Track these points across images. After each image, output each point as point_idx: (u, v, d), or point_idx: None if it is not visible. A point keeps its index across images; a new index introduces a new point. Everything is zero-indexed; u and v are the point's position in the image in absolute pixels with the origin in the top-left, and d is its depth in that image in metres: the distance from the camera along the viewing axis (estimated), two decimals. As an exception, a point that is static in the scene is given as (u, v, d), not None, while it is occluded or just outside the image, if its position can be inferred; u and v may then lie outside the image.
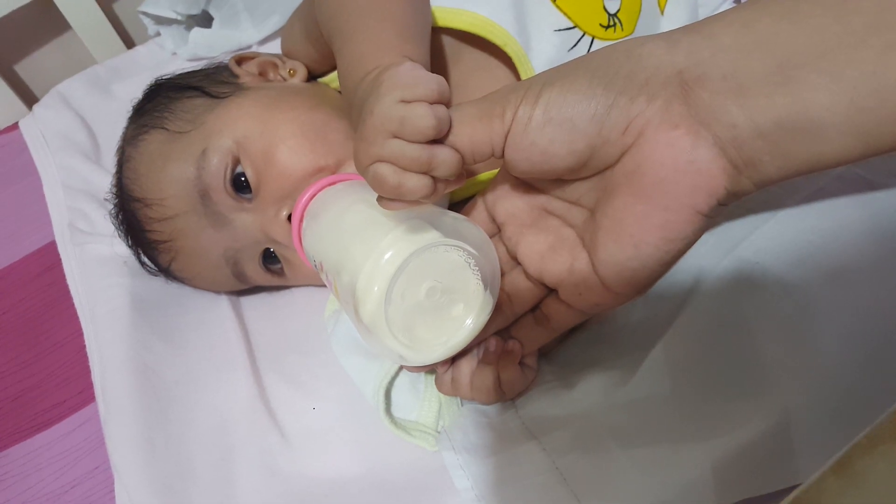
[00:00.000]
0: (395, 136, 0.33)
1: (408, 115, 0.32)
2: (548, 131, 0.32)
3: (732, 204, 0.33)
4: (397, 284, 0.35)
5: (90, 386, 0.57)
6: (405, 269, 0.35)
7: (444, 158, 0.33)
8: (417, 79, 0.34)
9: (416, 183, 0.33)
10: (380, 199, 0.35)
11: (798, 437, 0.36)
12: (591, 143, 0.32)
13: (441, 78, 0.34)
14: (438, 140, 0.34)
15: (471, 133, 0.34)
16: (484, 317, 0.39)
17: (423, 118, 0.32)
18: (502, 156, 0.35)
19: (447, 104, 0.34)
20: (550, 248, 0.39)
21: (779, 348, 0.38)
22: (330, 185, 0.46)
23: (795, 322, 0.38)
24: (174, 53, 0.84)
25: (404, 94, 0.33)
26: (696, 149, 0.30)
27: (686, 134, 0.30)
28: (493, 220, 0.42)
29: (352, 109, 0.39)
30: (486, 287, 0.38)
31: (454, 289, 0.37)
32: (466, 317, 0.38)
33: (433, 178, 0.34)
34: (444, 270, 0.36)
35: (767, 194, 0.42)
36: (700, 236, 0.33)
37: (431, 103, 0.33)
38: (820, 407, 0.37)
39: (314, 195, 0.46)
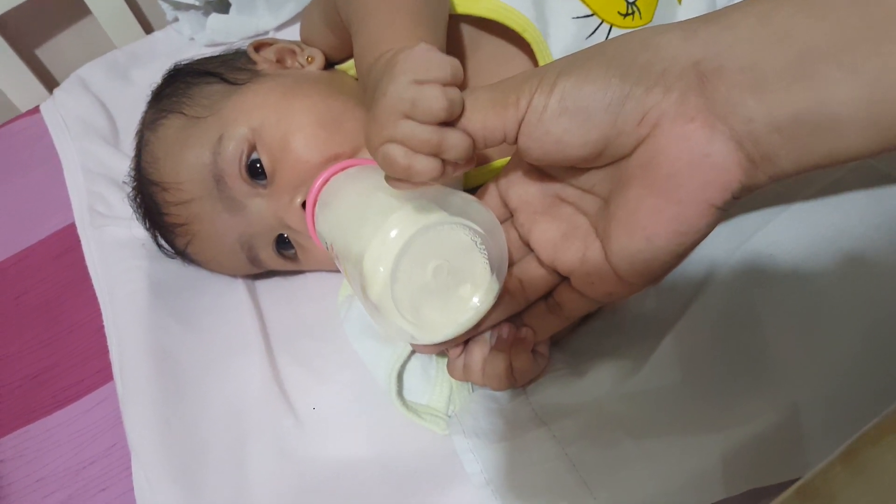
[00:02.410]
0: (407, 118, 0.33)
1: (419, 96, 0.32)
2: (563, 121, 0.32)
3: (747, 196, 0.33)
4: (403, 263, 0.35)
5: (108, 366, 0.58)
6: (410, 248, 0.35)
7: (455, 142, 0.34)
8: (431, 60, 0.33)
9: (426, 165, 0.33)
10: (388, 178, 0.35)
11: (808, 429, 0.36)
12: (605, 134, 0.32)
13: (455, 60, 0.34)
14: (451, 123, 0.34)
15: (483, 119, 0.34)
16: (491, 297, 0.39)
17: (435, 100, 0.32)
18: (515, 142, 0.35)
19: (461, 86, 0.34)
20: (563, 236, 0.39)
21: (790, 341, 0.38)
22: (342, 170, 0.47)
23: (807, 315, 0.38)
24: (192, 39, 0.84)
25: (417, 75, 0.33)
26: (711, 142, 0.30)
27: (702, 127, 0.30)
28: (506, 205, 0.42)
29: (366, 92, 0.40)
30: (493, 268, 0.38)
31: (461, 269, 0.37)
32: (473, 297, 0.38)
33: (443, 160, 0.34)
34: (451, 250, 0.36)
35: (781, 186, 0.42)
36: (713, 229, 0.33)
37: (445, 85, 0.33)
38: (830, 400, 0.37)
39: (326, 181, 0.46)
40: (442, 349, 0.41)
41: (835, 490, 0.21)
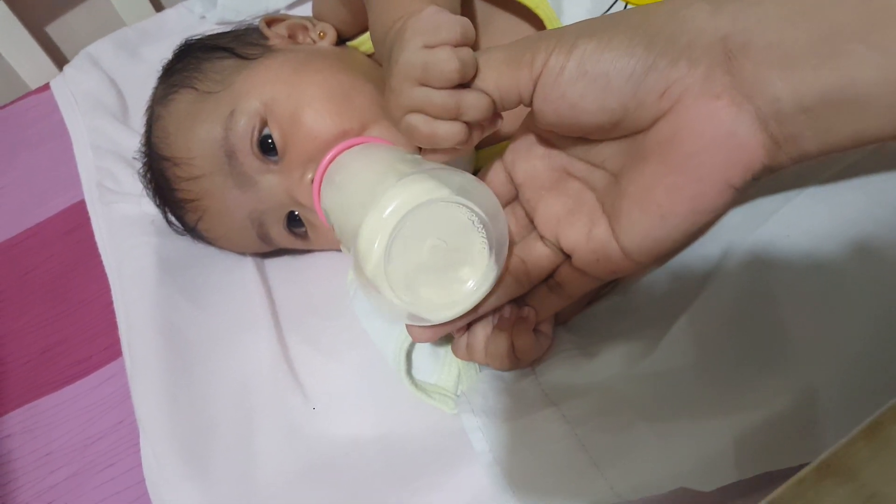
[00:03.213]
0: (421, 84, 0.33)
1: (431, 60, 0.32)
2: (580, 85, 0.32)
3: (765, 178, 0.32)
4: (397, 239, 0.34)
5: (116, 342, 0.59)
6: (405, 224, 0.34)
7: (472, 102, 0.33)
8: (439, 22, 0.33)
9: (449, 129, 0.33)
10: (423, 151, 0.35)
11: (823, 413, 0.36)
12: (624, 104, 0.31)
13: (465, 19, 0.33)
14: (467, 85, 0.33)
15: (497, 78, 0.33)
16: (490, 280, 0.38)
17: (447, 62, 0.32)
18: (531, 104, 0.34)
19: (473, 47, 0.34)
20: (569, 212, 0.39)
21: (807, 324, 0.37)
22: (350, 147, 0.46)
23: (825, 298, 0.37)
24: (203, 17, 0.84)
25: (427, 39, 0.33)
26: (737, 122, 0.29)
27: (728, 105, 0.29)
28: (512, 181, 0.42)
29: (383, 63, 0.39)
30: (492, 249, 0.37)
31: (459, 249, 0.36)
32: (470, 279, 0.37)
33: (466, 123, 0.33)
34: (449, 229, 0.36)
35: (800, 168, 0.41)
36: (729, 210, 0.33)
37: (455, 46, 0.32)
38: (846, 384, 0.36)
39: (333, 158, 0.46)
40: (439, 334, 0.41)
41: (857, 465, 0.20)
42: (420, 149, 0.38)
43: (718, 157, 0.30)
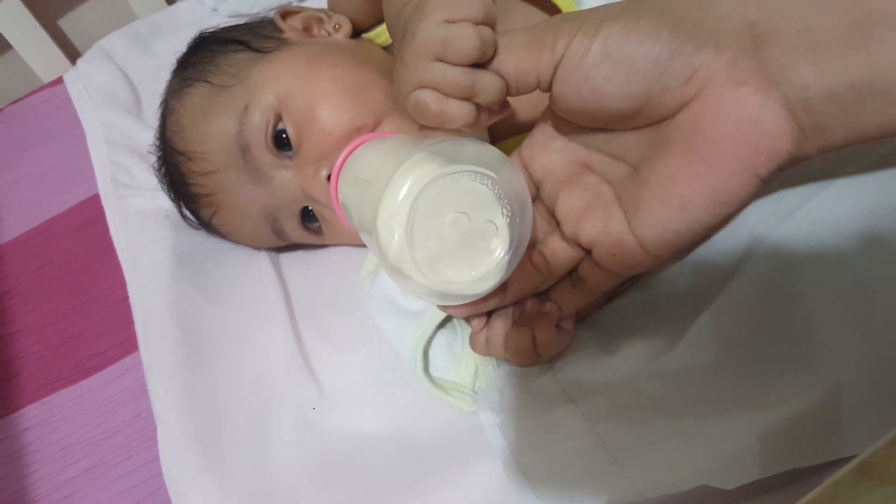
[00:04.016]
0: (438, 60, 0.32)
1: (451, 35, 0.31)
2: (604, 68, 0.31)
3: (789, 170, 0.31)
4: (416, 217, 0.33)
5: (131, 336, 0.59)
6: (420, 204, 0.33)
7: (488, 84, 0.32)
8: None
9: (459, 109, 0.32)
10: (422, 128, 0.34)
11: (848, 411, 0.35)
12: (648, 89, 0.31)
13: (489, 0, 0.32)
14: (483, 66, 0.33)
15: (517, 61, 0.33)
16: (517, 246, 0.37)
17: (468, 39, 0.31)
18: (549, 89, 0.33)
19: (493, 26, 0.33)
20: (587, 206, 0.38)
21: (832, 321, 0.37)
22: (363, 143, 0.46)
23: (851, 295, 0.37)
24: (215, 10, 0.84)
25: (448, 13, 0.32)
26: (763, 109, 0.29)
27: (755, 92, 0.29)
28: (531, 178, 0.41)
29: (395, 41, 0.38)
30: (515, 218, 0.36)
31: (481, 219, 0.35)
32: (497, 248, 0.36)
33: (476, 105, 0.32)
34: (467, 201, 0.35)
35: (826, 162, 0.41)
36: (752, 202, 0.32)
37: (476, 24, 0.32)
38: (872, 382, 0.36)
39: (349, 154, 0.45)
40: (474, 310, 0.40)
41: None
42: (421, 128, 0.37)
43: (744, 144, 0.30)
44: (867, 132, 0.29)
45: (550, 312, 0.42)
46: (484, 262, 0.36)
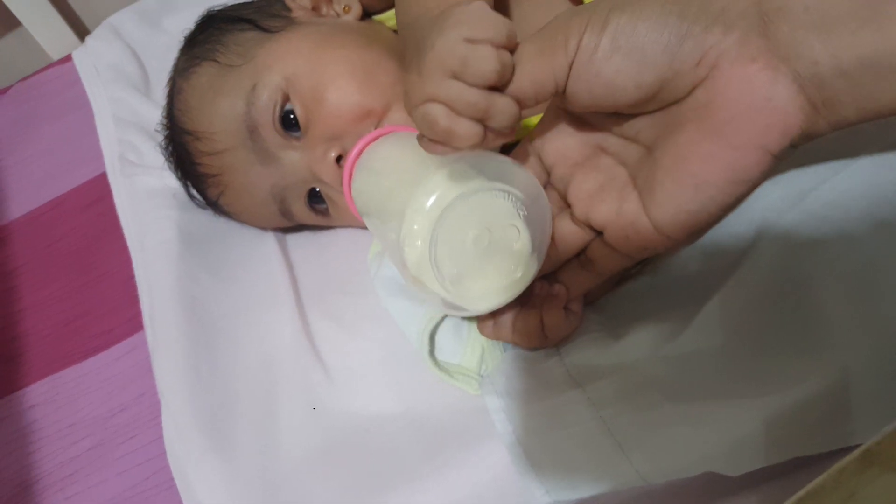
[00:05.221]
0: (454, 77, 0.32)
1: (471, 55, 0.31)
2: (615, 62, 0.31)
3: (801, 152, 0.31)
4: (441, 233, 0.34)
5: (138, 315, 0.59)
6: (448, 217, 0.34)
7: (503, 108, 0.32)
8: (486, 19, 0.32)
9: (468, 130, 0.32)
10: (421, 137, 0.34)
11: (856, 397, 0.35)
12: (661, 76, 0.30)
13: (511, 23, 0.32)
14: (499, 89, 0.32)
15: (532, 71, 0.32)
16: (534, 266, 0.38)
17: (488, 61, 0.31)
18: (564, 91, 0.33)
19: (513, 51, 0.33)
20: (600, 188, 0.38)
21: (842, 306, 0.36)
22: (383, 135, 0.46)
23: (861, 280, 0.36)
24: (224, -13, 0.83)
25: (471, 32, 0.31)
26: (774, 85, 0.29)
27: (764, 69, 0.29)
28: (542, 164, 0.41)
29: (407, 43, 0.38)
30: (535, 236, 0.37)
31: (502, 236, 0.36)
32: (516, 266, 0.37)
33: (485, 126, 0.32)
34: (491, 217, 0.35)
35: (839, 145, 0.40)
36: (765, 180, 0.32)
37: (497, 48, 0.31)
38: (881, 368, 0.35)
39: (366, 145, 0.45)
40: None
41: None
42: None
43: (756, 121, 0.30)
44: (880, 108, 0.28)
45: (559, 294, 0.42)
46: (502, 278, 0.37)
